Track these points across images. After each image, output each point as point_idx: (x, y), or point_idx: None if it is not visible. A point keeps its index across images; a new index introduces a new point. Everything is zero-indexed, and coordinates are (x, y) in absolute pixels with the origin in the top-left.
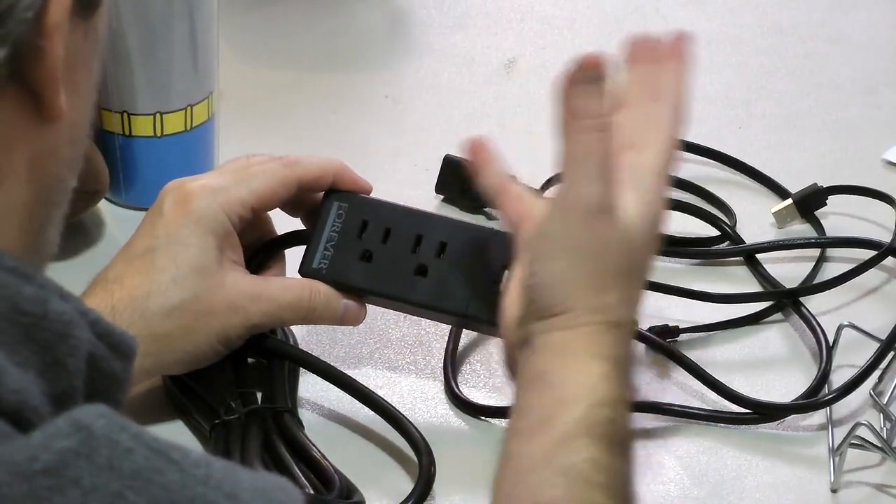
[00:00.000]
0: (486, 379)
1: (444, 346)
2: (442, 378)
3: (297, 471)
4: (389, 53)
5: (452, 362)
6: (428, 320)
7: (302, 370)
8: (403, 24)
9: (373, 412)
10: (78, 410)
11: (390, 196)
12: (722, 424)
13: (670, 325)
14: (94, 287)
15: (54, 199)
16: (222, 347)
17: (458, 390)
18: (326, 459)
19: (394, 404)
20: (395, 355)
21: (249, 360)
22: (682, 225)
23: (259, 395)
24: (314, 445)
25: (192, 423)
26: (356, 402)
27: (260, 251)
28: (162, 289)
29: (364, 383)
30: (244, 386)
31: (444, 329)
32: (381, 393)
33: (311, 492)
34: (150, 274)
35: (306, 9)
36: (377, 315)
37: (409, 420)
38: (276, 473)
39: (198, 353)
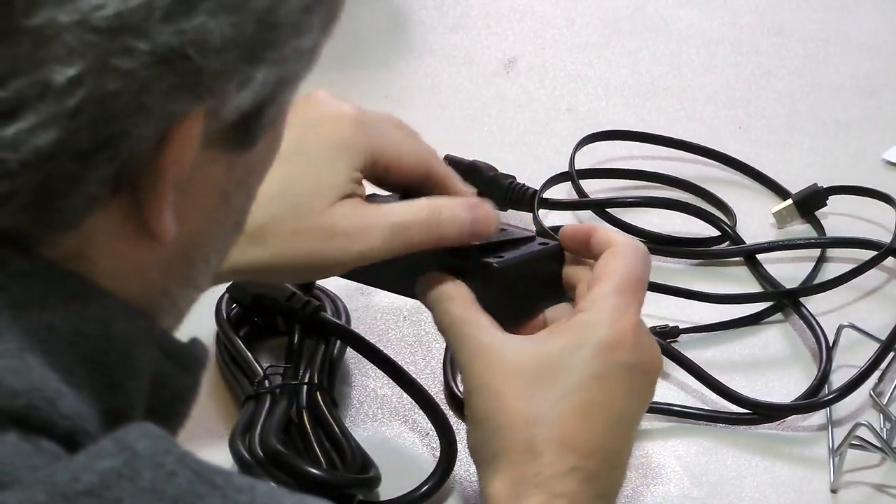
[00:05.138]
0: None
1: (444, 345)
2: (441, 378)
3: (316, 444)
4: (389, 53)
5: (452, 362)
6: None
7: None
8: (403, 24)
9: (409, 396)
10: (122, 430)
11: None
12: (722, 425)
13: (670, 325)
14: None
15: (154, 308)
16: (312, 274)
17: (458, 390)
18: (349, 437)
19: (394, 403)
20: (394, 355)
21: (297, 337)
22: (682, 225)
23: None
24: (340, 423)
25: (232, 388)
26: (394, 391)
27: None
28: (259, 203)
29: (361, 380)
30: (289, 361)
31: None
32: (380, 392)
33: (325, 465)
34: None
35: None
36: (377, 315)
37: (441, 409)
38: (298, 444)
39: (287, 273)
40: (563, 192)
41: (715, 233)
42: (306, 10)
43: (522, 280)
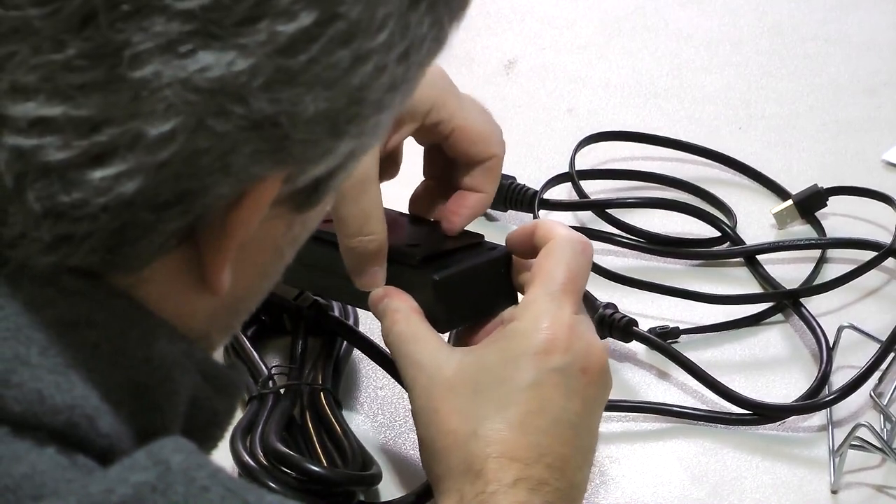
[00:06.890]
0: None
1: None
2: None
3: (317, 442)
4: None
5: None
6: None
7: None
8: None
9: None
10: (156, 444)
11: (392, 196)
12: (722, 425)
13: (671, 325)
14: None
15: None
16: None
17: None
18: (350, 436)
19: (394, 402)
20: None
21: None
22: (682, 226)
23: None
24: (343, 423)
25: None
26: (396, 391)
27: None
28: None
29: (364, 381)
30: (294, 360)
31: None
32: (381, 393)
33: (326, 463)
34: None
35: None
36: None
37: None
38: (300, 443)
39: None
40: (563, 192)
41: (715, 233)
42: (393, 88)
43: (467, 289)
